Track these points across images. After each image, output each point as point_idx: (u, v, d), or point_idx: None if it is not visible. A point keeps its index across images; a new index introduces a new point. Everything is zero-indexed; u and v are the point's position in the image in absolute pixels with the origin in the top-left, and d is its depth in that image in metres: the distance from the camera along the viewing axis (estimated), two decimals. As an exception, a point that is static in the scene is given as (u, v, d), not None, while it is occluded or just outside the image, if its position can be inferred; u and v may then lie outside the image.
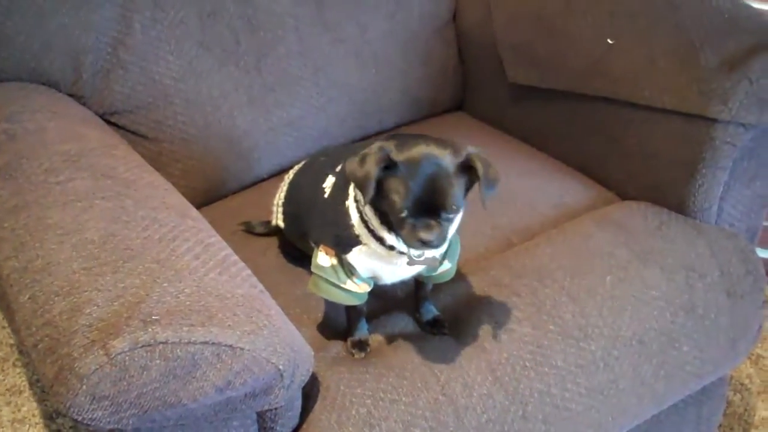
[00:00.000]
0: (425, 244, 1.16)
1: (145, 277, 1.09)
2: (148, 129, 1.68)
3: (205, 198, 1.75)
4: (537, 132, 1.91)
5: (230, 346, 1.05)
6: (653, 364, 1.45)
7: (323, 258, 1.31)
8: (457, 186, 1.16)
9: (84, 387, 0.98)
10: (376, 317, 1.43)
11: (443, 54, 2.01)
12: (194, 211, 1.33)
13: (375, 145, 1.16)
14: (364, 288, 1.32)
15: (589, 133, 1.78)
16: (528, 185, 1.74)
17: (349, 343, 1.38)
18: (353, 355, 1.36)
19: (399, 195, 1.14)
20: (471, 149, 1.18)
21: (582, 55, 1.71)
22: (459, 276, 1.51)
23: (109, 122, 1.65)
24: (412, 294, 1.44)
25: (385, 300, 1.46)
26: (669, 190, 1.62)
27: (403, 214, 1.15)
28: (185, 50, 1.69)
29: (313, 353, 1.22)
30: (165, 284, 1.08)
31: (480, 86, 2.05)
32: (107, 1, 1.61)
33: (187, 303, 1.06)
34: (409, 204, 1.14)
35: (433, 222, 1.15)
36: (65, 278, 1.08)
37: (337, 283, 1.30)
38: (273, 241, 1.61)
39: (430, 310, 1.43)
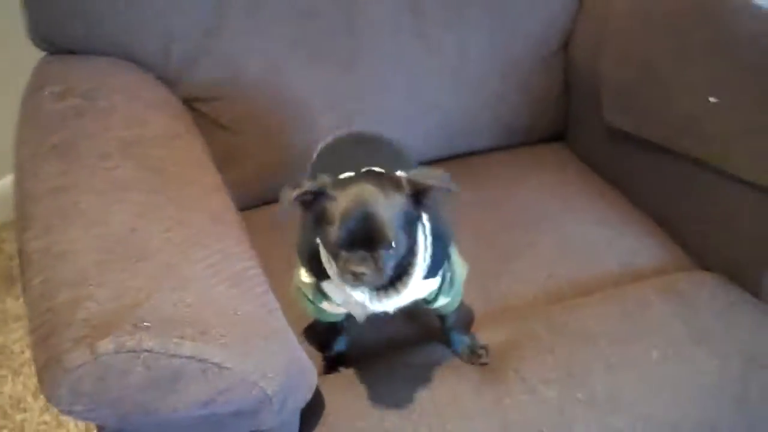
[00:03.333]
0: (358, 278, 1.12)
1: (151, 280, 1.09)
2: (228, 120, 1.69)
3: (277, 195, 1.74)
4: (629, 180, 1.81)
5: (217, 364, 1.04)
6: (685, 454, 1.35)
7: (304, 274, 1.30)
8: (393, 222, 1.12)
9: (66, 380, 0.99)
10: (395, 344, 1.41)
11: (546, 83, 1.92)
12: (231, 215, 1.33)
13: (320, 177, 1.15)
14: (340, 310, 1.30)
15: (678, 193, 1.66)
16: (601, 236, 1.65)
17: (325, 358, 1.38)
18: (329, 371, 1.37)
19: (334, 227, 1.12)
20: (406, 175, 1.15)
21: (680, 109, 1.59)
22: (495, 318, 1.46)
23: (192, 108, 1.68)
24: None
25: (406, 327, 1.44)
26: (747, 269, 1.50)
27: (338, 247, 1.12)
28: (276, 47, 1.69)
29: (316, 380, 1.20)
30: (168, 291, 1.08)
31: (582, 121, 1.95)
32: (206, -12, 1.63)
33: (185, 313, 1.06)
34: (344, 236, 1.11)
35: (367, 255, 1.12)
36: (77, 268, 1.10)
37: (313, 301, 1.29)
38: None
39: (461, 341, 1.39)
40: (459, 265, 1.34)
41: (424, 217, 1.23)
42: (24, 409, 1.92)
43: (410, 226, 1.15)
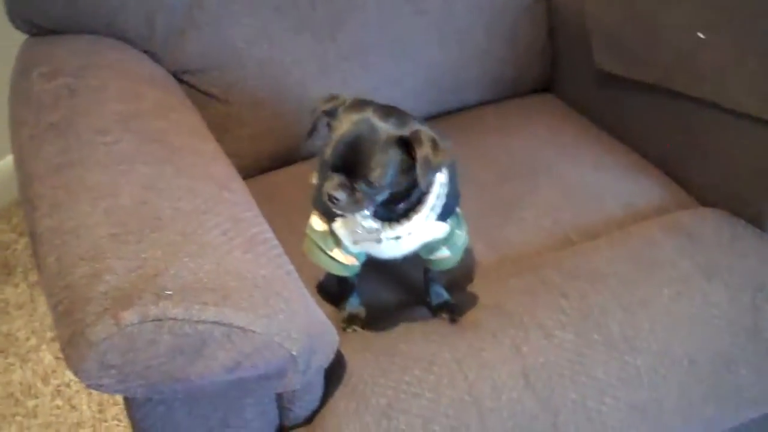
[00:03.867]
0: (332, 202, 1.15)
1: (168, 250, 1.08)
2: (218, 90, 1.67)
3: (271, 163, 1.75)
4: (622, 123, 1.81)
5: (241, 328, 1.03)
6: (704, 386, 1.36)
7: (316, 221, 1.32)
8: (383, 159, 1.13)
9: (93, 354, 0.98)
10: (407, 303, 1.42)
11: (531, 33, 1.92)
12: (237, 183, 1.32)
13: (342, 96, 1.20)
14: (351, 260, 1.32)
15: (674, 132, 1.67)
16: (600, 180, 1.66)
17: (340, 316, 1.38)
18: (344, 329, 1.36)
19: (329, 146, 1.15)
20: (419, 126, 1.16)
21: (669, 48, 1.60)
22: (506, 268, 1.47)
23: (181, 81, 1.66)
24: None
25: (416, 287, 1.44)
26: (749, 201, 1.51)
27: (327, 166, 1.15)
28: (260, 14, 1.67)
29: (337, 339, 1.20)
30: (186, 259, 1.07)
31: (569, 69, 1.95)
32: (185, -41, 1.61)
33: (205, 280, 1.05)
34: (332, 158, 1.14)
35: (346, 182, 1.14)
36: (91, 242, 1.09)
37: (324, 249, 1.30)
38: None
39: (439, 294, 1.40)
40: (465, 231, 1.35)
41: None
42: (35, 395, 1.91)
43: (406, 166, 1.15)
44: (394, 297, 1.45)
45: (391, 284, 1.46)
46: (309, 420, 1.24)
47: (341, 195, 1.14)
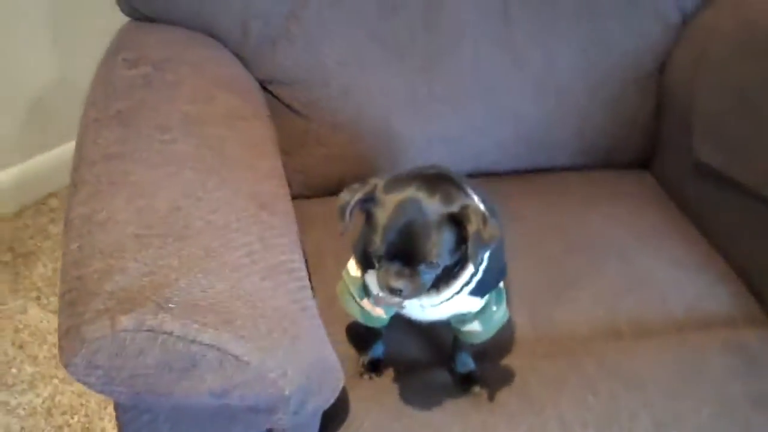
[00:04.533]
0: (394, 292, 1.10)
1: (185, 262, 1.07)
2: (300, 105, 1.66)
3: (339, 188, 1.70)
4: (711, 220, 1.70)
5: (236, 356, 1.01)
6: None
7: (353, 266, 1.28)
8: (439, 238, 1.08)
9: (83, 351, 0.98)
10: (433, 361, 1.37)
11: (636, 105, 1.82)
12: (283, 205, 1.30)
13: (372, 180, 1.14)
14: (379, 312, 1.27)
15: (762, 242, 1.55)
16: (670, 275, 1.55)
17: (360, 361, 1.35)
18: (361, 375, 1.33)
19: (377, 235, 1.10)
20: (468, 201, 1.11)
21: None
22: (543, 347, 1.39)
23: (266, 90, 1.66)
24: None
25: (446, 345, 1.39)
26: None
27: (379, 256, 1.11)
28: (356, 37, 1.66)
29: (341, 385, 1.16)
30: (200, 275, 1.06)
31: (671, 151, 1.85)
32: (291, -29, 1.60)
33: (212, 300, 1.04)
34: (385, 247, 1.09)
35: (405, 270, 1.09)
36: (115, 238, 1.08)
37: (355, 296, 1.27)
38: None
39: (465, 363, 1.34)
40: (504, 308, 1.29)
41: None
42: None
43: (457, 241, 1.11)
44: (419, 354, 1.39)
45: (420, 340, 1.41)
46: (297, 463, 1.20)
47: (403, 284, 1.09)
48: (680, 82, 1.79)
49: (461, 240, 1.10)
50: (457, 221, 1.09)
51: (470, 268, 1.17)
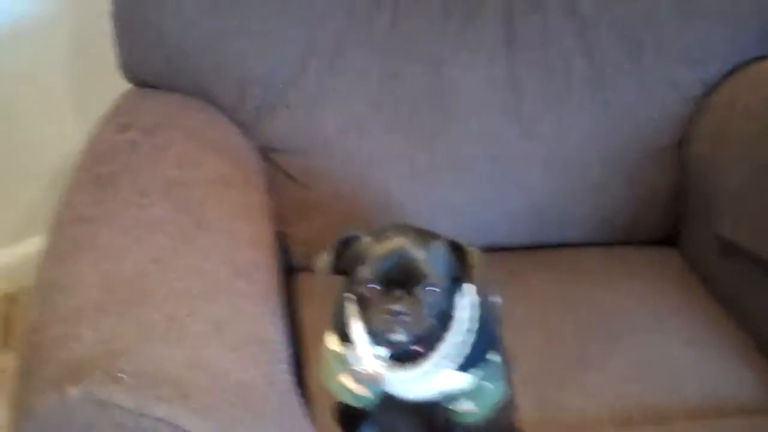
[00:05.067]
0: (394, 321, 1.01)
1: (145, 330, 1.01)
2: (299, 173, 1.61)
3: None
4: (739, 299, 1.58)
5: (190, 433, 0.93)
6: None
7: (332, 340, 1.19)
8: (437, 260, 1.03)
9: (30, 423, 0.91)
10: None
11: (655, 179, 1.72)
12: (262, 274, 1.24)
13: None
14: (362, 391, 1.17)
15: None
16: (690, 357, 1.43)
17: None
18: None
19: (366, 266, 1.02)
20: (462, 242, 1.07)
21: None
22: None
23: (266, 158, 1.61)
24: None
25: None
26: None
27: (371, 289, 1.02)
28: (356, 105, 1.60)
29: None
30: (159, 344, 0.99)
31: (695, 226, 1.74)
32: (291, 39, 1.57)
33: (171, 371, 0.96)
34: (378, 273, 1.02)
35: (404, 294, 1.01)
36: (75, 305, 1.03)
37: (335, 372, 1.18)
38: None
39: None
40: (501, 384, 1.20)
41: (474, 295, 1.12)
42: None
43: (450, 284, 1.05)
44: (411, 433, 1.29)
45: (414, 422, 1.30)
46: None
47: (403, 308, 1.01)
48: (701, 156, 1.69)
49: (458, 280, 1.06)
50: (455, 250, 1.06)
51: (454, 333, 1.09)
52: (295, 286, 1.59)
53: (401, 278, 1.02)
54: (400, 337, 1.03)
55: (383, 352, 1.09)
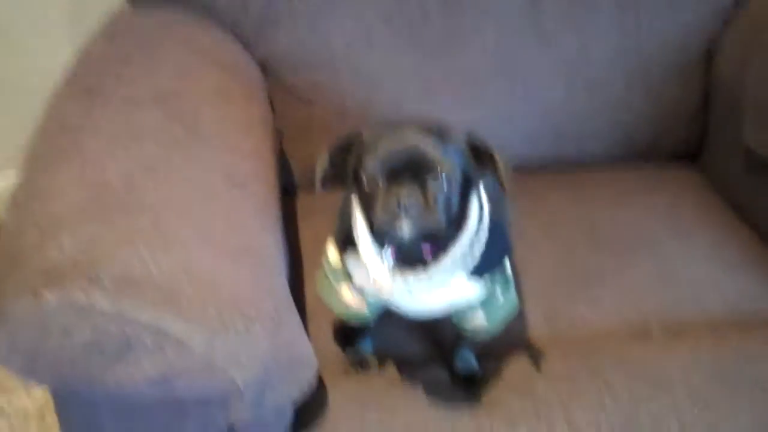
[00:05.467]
0: (404, 213, 0.93)
1: (128, 235, 0.96)
2: (304, 89, 1.54)
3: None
4: (762, 215, 1.51)
5: (178, 339, 0.89)
6: None
7: (332, 252, 1.14)
8: (448, 152, 0.97)
9: (4, 329, 0.88)
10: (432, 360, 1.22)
11: (681, 95, 1.64)
12: (260, 186, 1.19)
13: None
14: (359, 304, 1.13)
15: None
16: (711, 271, 1.37)
17: (346, 358, 1.21)
18: (346, 373, 1.19)
19: (372, 161, 0.96)
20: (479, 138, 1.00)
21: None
22: (558, 348, 1.23)
23: (267, 73, 1.55)
24: None
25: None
26: None
27: (377, 181, 0.96)
28: (365, 17, 1.53)
29: (313, 378, 1.02)
30: (144, 249, 0.94)
31: (720, 142, 1.66)
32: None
33: (156, 277, 0.92)
34: (386, 166, 0.95)
35: (413, 186, 0.94)
36: (55, 211, 0.98)
37: (333, 284, 1.13)
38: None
39: (467, 360, 1.19)
40: (512, 298, 1.14)
41: (484, 197, 1.07)
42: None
43: (463, 182, 0.99)
44: (415, 350, 1.25)
45: (417, 335, 1.26)
46: (264, 464, 1.07)
47: (412, 199, 0.94)
48: (730, 69, 1.60)
49: (467, 177, 1.00)
50: (472, 149, 1.00)
51: (467, 235, 1.02)
52: (295, 206, 1.54)
53: (411, 170, 0.95)
54: (408, 232, 0.95)
55: (389, 258, 1.03)
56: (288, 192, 1.54)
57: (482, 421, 1.09)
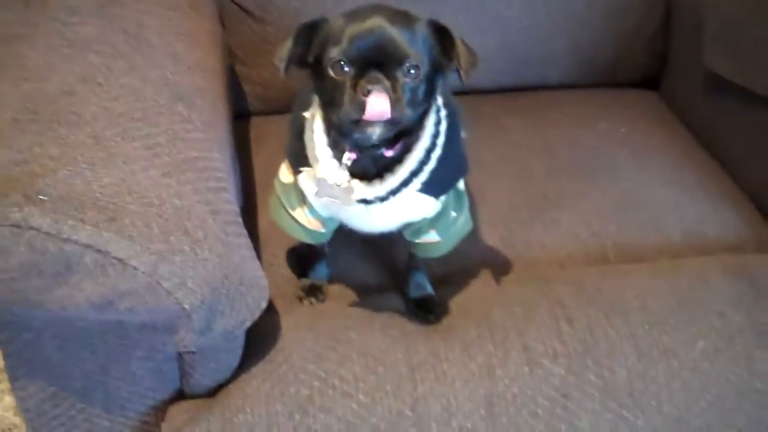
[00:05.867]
0: (372, 105, 0.88)
1: (68, 150, 0.90)
2: (255, 6, 1.48)
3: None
4: (723, 139, 1.50)
5: (120, 260, 0.84)
6: (718, 473, 1.07)
7: (284, 173, 1.11)
8: (416, 38, 0.92)
9: (-68, 249, 0.82)
10: (382, 286, 1.20)
11: (641, 13, 1.61)
12: (208, 100, 1.13)
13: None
14: (316, 225, 1.10)
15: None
16: (669, 196, 1.36)
17: (300, 284, 1.19)
18: (301, 300, 1.17)
19: (338, 46, 0.91)
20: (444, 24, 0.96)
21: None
22: (514, 272, 1.22)
23: (217, -11, 1.48)
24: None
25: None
26: None
27: (344, 68, 0.90)
28: None
29: (264, 302, 0.99)
30: (84, 165, 0.89)
31: (679, 65, 1.64)
32: None
33: (96, 194, 0.87)
34: (353, 51, 0.90)
35: (382, 76, 0.89)
36: (-12, 124, 0.92)
37: (286, 206, 1.10)
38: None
39: (420, 285, 1.17)
40: (466, 214, 1.12)
41: (442, 110, 1.03)
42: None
43: (430, 71, 0.95)
44: (370, 277, 1.22)
45: (371, 261, 1.24)
46: (213, 392, 1.04)
47: (382, 89, 0.88)
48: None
49: (437, 70, 0.96)
50: (436, 31, 0.96)
51: (422, 144, 0.99)
52: (249, 132, 1.49)
53: (378, 59, 0.90)
54: (377, 126, 0.91)
55: (348, 162, 0.99)
56: (241, 117, 1.49)
57: (437, 345, 1.06)
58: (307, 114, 1.04)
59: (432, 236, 1.09)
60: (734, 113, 1.47)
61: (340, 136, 0.98)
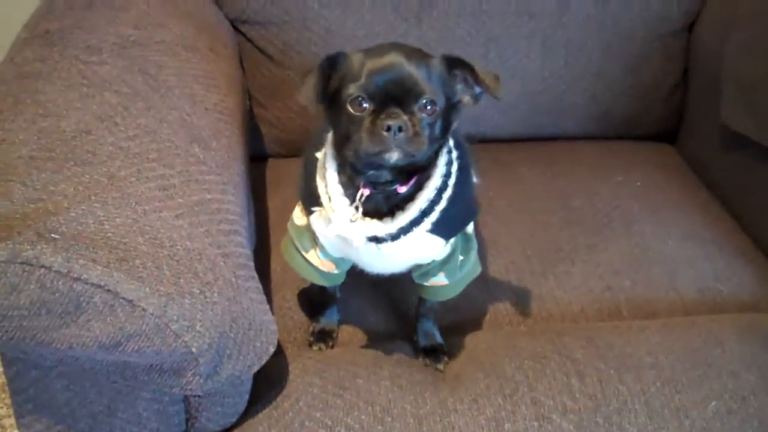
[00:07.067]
0: (390, 139, 0.90)
1: (82, 189, 0.90)
2: (275, 50, 1.49)
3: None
4: (739, 194, 1.49)
5: (130, 301, 0.84)
6: None
7: (298, 215, 1.12)
8: (431, 76, 0.94)
9: (-53, 284, 0.82)
10: (396, 334, 1.19)
11: (661, 66, 1.61)
12: (224, 142, 1.13)
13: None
14: (329, 267, 1.11)
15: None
16: (684, 252, 1.35)
17: (310, 329, 1.19)
18: (310, 345, 1.16)
19: (356, 83, 0.93)
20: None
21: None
22: (525, 324, 1.20)
23: (239, 31, 1.49)
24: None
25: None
26: None
27: (362, 104, 0.92)
28: (342, -21, 1.47)
29: (272, 347, 0.98)
30: (98, 204, 0.89)
31: (697, 120, 1.64)
32: None
33: (108, 234, 0.87)
34: (371, 87, 0.92)
35: (400, 111, 0.92)
36: (5, 161, 0.92)
37: (299, 248, 1.11)
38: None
39: (430, 334, 1.17)
40: (474, 258, 1.12)
41: (454, 153, 1.04)
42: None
43: (446, 106, 0.96)
44: (379, 324, 1.22)
45: (381, 307, 1.23)
46: (219, 436, 1.03)
47: (400, 123, 0.90)
48: (710, 42, 1.58)
49: (450, 107, 0.97)
50: (451, 65, 0.97)
51: (433, 183, 1.00)
52: (265, 174, 1.50)
53: (396, 94, 0.92)
54: (395, 157, 0.92)
55: (359, 204, 1.00)
56: (258, 159, 1.50)
57: (445, 396, 1.05)
58: (319, 154, 1.05)
59: (440, 279, 1.09)
60: (751, 169, 1.47)
61: (354, 172, 0.99)
